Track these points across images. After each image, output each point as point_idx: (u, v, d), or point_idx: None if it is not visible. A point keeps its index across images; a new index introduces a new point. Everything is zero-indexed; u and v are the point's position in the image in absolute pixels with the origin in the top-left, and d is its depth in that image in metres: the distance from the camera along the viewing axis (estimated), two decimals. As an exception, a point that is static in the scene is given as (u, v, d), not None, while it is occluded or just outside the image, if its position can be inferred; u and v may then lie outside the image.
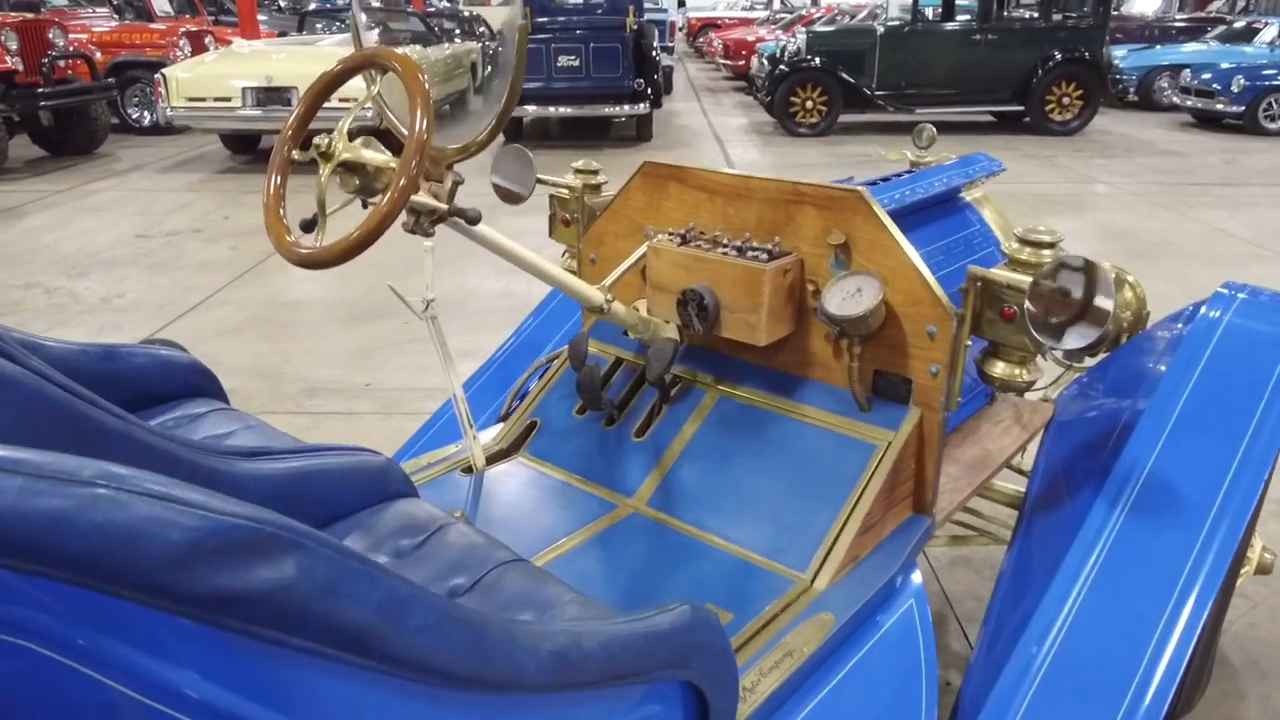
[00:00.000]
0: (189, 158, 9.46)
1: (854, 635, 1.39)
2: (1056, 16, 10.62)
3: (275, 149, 1.43)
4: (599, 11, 9.75)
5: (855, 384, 1.67)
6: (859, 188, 1.65)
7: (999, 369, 1.63)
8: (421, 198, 1.47)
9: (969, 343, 1.60)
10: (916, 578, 1.56)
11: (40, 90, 8.13)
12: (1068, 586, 1.50)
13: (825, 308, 1.62)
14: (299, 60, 8.56)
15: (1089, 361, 2.11)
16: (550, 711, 0.78)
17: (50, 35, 8.44)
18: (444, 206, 1.41)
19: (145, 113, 10.56)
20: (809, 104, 10.72)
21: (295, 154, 1.42)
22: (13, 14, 8.34)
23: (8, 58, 8.00)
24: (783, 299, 1.71)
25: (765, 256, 1.69)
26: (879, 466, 1.60)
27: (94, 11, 11.53)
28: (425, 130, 1.26)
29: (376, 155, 1.41)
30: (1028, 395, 2.37)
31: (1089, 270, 1.40)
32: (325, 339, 4.51)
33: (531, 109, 9.68)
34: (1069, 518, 1.72)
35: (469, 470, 1.87)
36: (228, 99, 8.22)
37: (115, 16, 11.76)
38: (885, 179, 2.12)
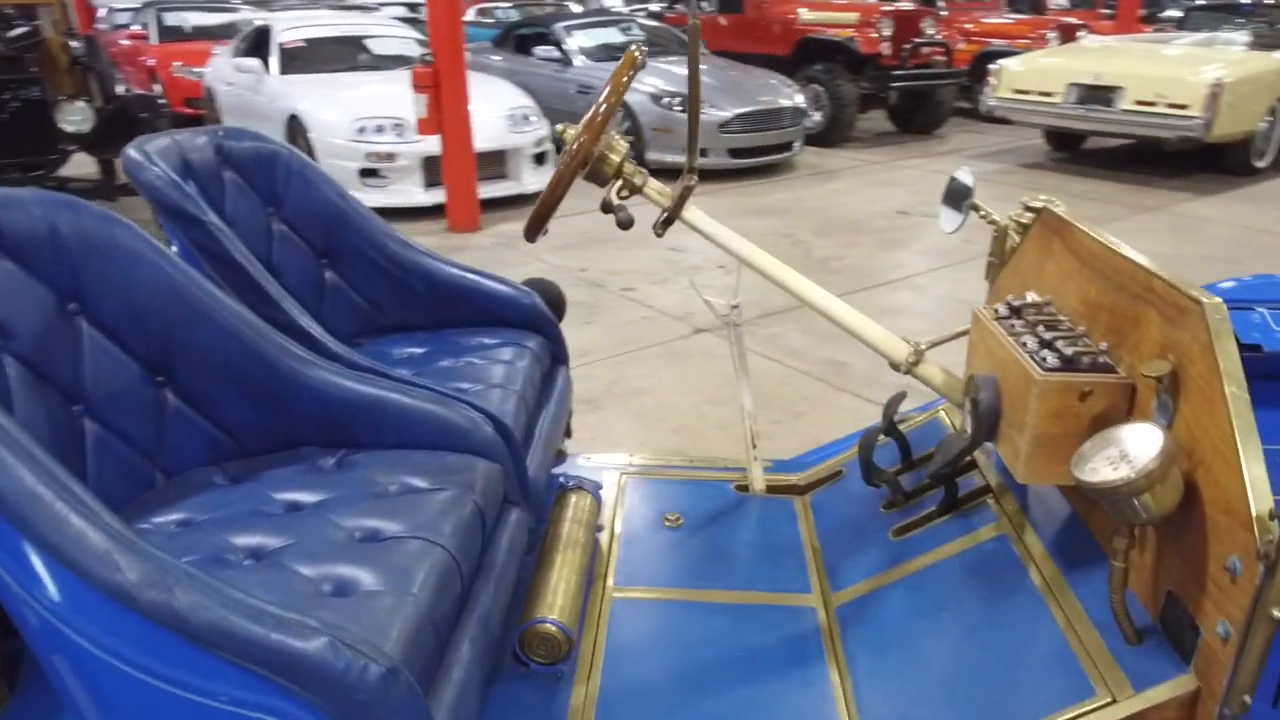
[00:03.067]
0: (1006, 148, 9.65)
1: None
2: None
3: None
4: None
5: (1115, 594, 1.13)
6: (1208, 298, 1.07)
7: None
8: (650, 191, 1.53)
9: None
10: None
11: (894, 72, 9.21)
12: None
13: (1072, 464, 1.13)
14: (1134, 59, 7.91)
15: None
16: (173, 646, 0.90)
17: (922, 24, 9.40)
18: (615, 201, 1.48)
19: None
20: None
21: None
22: (891, 4, 9.51)
23: (882, 44, 9.23)
24: (1070, 430, 1.23)
25: (1058, 362, 1.23)
26: None
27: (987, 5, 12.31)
28: (602, 109, 1.34)
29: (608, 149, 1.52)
30: None
31: None
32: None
33: None
34: None
35: (745, 489, 1.82)
36: (1050, 94, 8.10)
37: (1010, 11, 12.37)
38: None
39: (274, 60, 7.67)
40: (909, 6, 9.60)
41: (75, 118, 5.51)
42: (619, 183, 1.63)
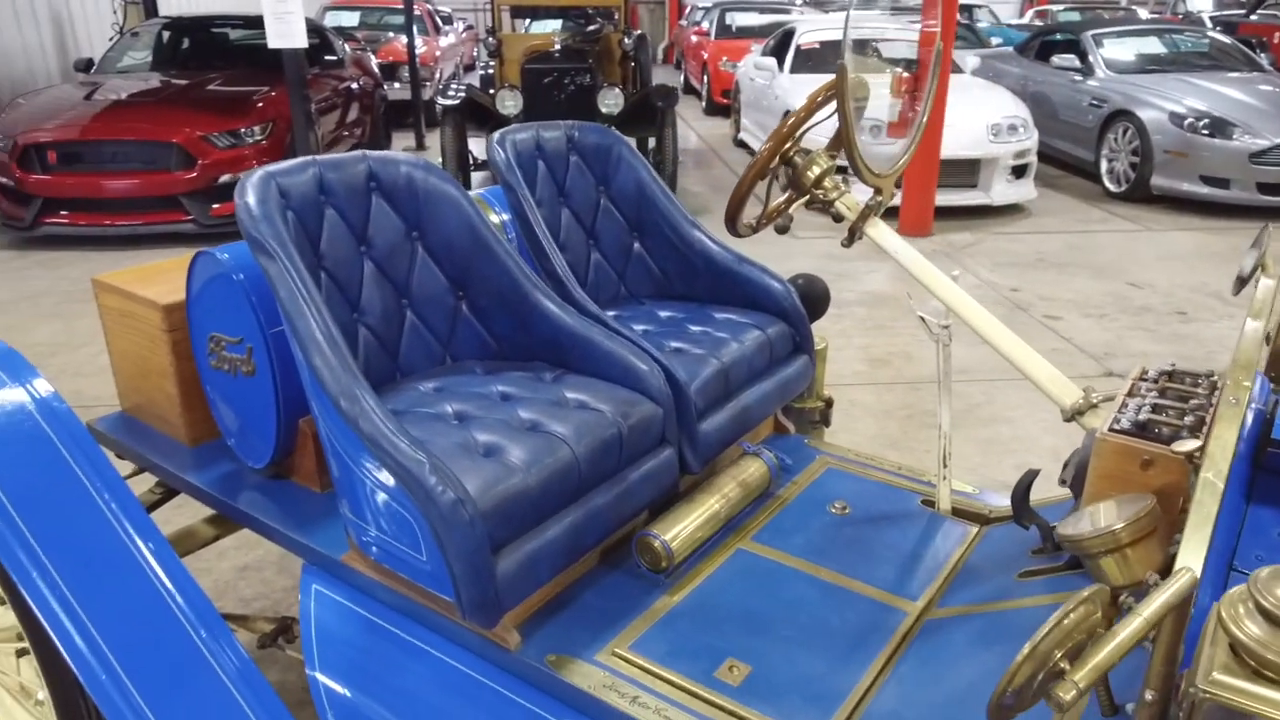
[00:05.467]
0: None
1: None
2: None
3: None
4: None
5: None
6: (1239, 381, 1.04)
7: None
8: (840, 205, 1.71)
9: None
10: None
11: None
12: None
13: (1068, 518, 1.16)
14: None
15: None
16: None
17: None
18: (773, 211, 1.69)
19: None
20: None
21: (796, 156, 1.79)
22: None
23: None
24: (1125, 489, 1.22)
25: (1129, 426, 1.23)
26: None
27: None
28: (792, 120, 1.59)
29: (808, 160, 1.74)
30: None
31: None
32: None
33: None
34: None
35: (931, 504, 1.90)
36: None
37: None
38: None
39: (788, 60, 8.41)
40: None
41: (610, 101, 6.75)
42: (806, 195, 1.80)
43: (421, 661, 1.57)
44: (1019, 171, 7.01)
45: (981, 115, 6.88)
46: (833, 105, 1.70)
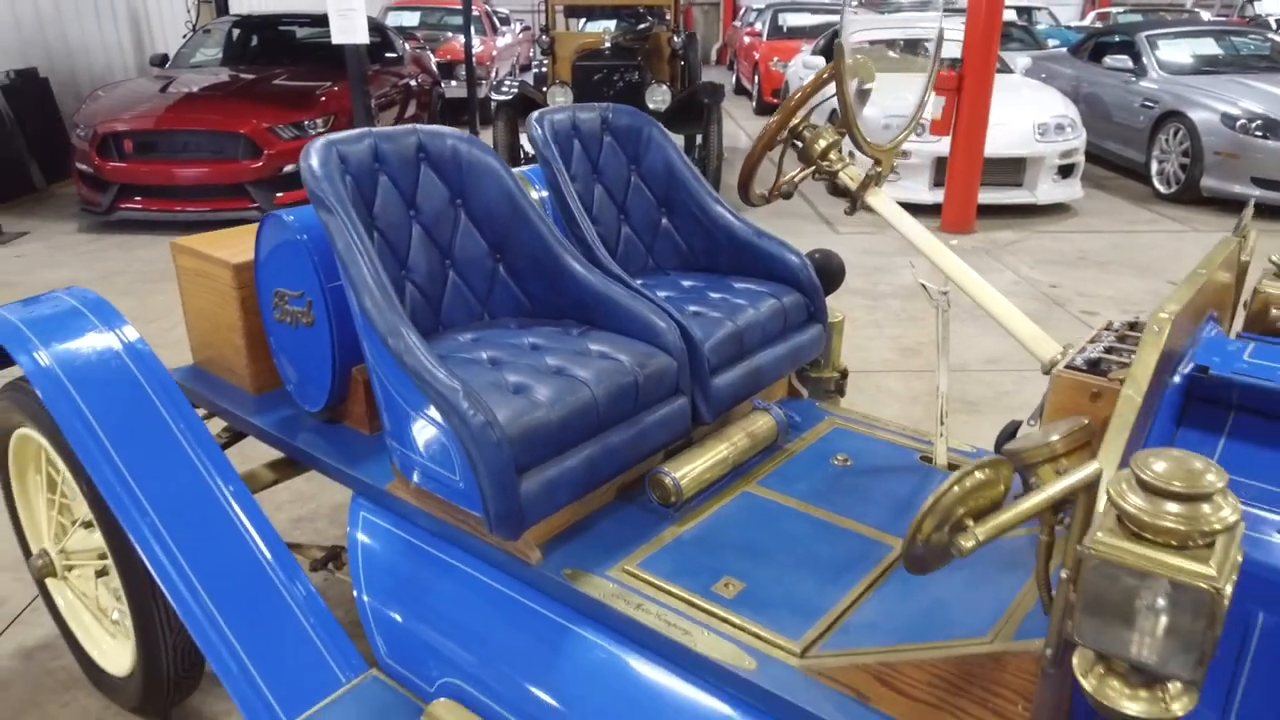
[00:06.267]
0: None
1: None
2: None
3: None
4: None
5: (1037, 563, 1.27)
6: (1165, 311, 1.17)
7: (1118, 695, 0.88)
8: (843, 176, 1.85)
9: None
10: None
11: None
12: None
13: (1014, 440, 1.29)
14: None
15: None
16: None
17: None
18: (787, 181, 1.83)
19: None
20: None
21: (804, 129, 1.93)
22: None
23: None
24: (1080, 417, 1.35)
25: (1083, 364, 1.37)
26: None
27: None
28: (798, 95, 1.73)
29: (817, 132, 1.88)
30: None
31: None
32: None
33: None
34: None
35: (928, 460, 2.03)
36: None
37: None
38: None
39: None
40: None
41: (657, 98, 6.93)
42: (813, 167, 1.94)
43: (454, 577, 1.75)
44: (1065, 171, 7.02)
45: (1028, 114, 6.90)
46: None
